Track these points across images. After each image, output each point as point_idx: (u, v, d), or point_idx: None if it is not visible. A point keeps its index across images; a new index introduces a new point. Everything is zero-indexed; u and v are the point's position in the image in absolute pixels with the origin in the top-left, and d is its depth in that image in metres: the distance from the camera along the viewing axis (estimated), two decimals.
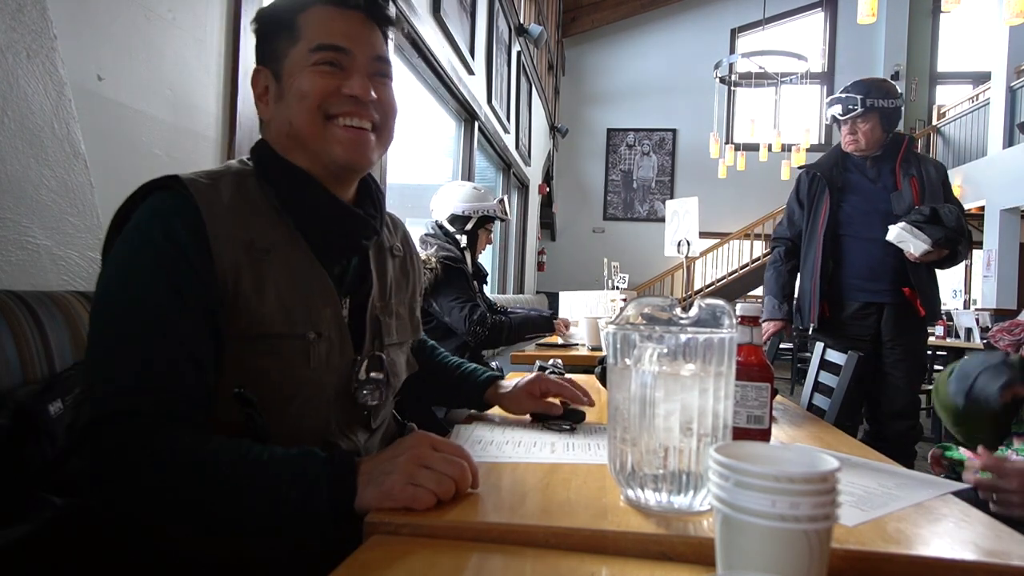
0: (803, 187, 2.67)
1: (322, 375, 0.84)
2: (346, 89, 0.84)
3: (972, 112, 9.30)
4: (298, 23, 0.85)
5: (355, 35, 0.86)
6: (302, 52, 0.84)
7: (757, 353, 0.88)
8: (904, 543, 0.62)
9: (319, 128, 0.85)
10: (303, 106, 0.84)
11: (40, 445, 0.86)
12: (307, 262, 0.85)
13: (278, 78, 0.86)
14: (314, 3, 0.86)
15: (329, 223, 0.87)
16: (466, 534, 0.63)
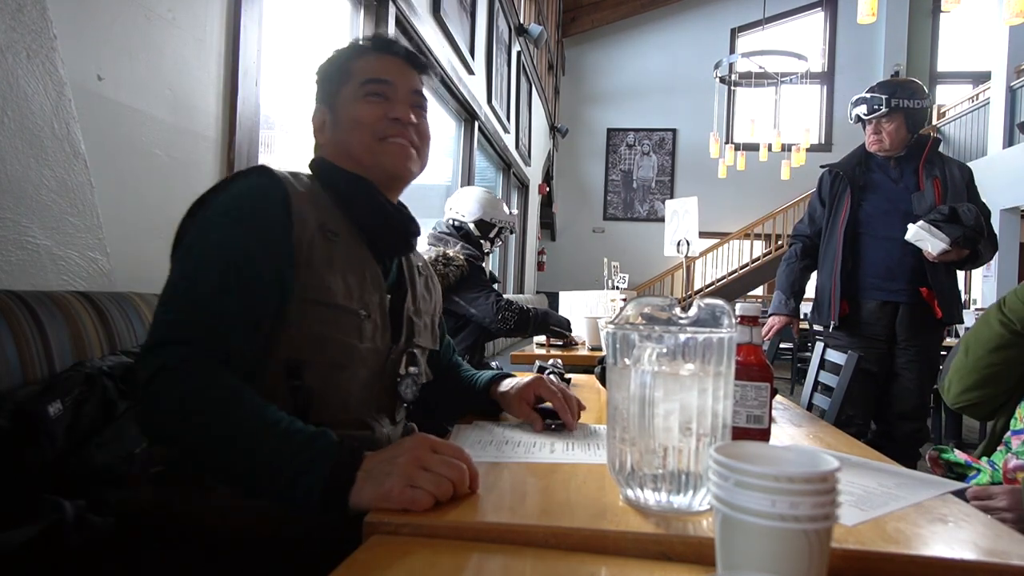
0: (825, 186, 2.67)
1: (368, 354, 0.94)
2: (391, 113, 0.99)
3: (972, 112, 9.29)
4: (351, 68, 1.02)
5: (396, 71, 1.02)
6: (353, 88, 1.01)
7: (757, 353, 0.88)
8: (904, 543, 0.62)
9: (371, 146, 0.99)
10: (358, 131, 0.99)
11: (40, 446, 0.86)
12: (364, 251, 0.98)
13: (332, 111, 1.03)
14: (364, 52, 1.03)
15: (385, 220, 1.00)
16: (466, 534, 0.63)
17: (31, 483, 0.85)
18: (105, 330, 1.11)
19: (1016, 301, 1.30)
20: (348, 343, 0.90)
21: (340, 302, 0.89)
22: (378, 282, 0.98)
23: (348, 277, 0.92)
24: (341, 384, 0.91)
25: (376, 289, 0.97)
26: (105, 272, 1.32)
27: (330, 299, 0.88)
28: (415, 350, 1.05)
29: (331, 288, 0.89)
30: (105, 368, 1.01)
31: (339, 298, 0.89)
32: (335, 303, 0.89)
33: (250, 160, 1.83)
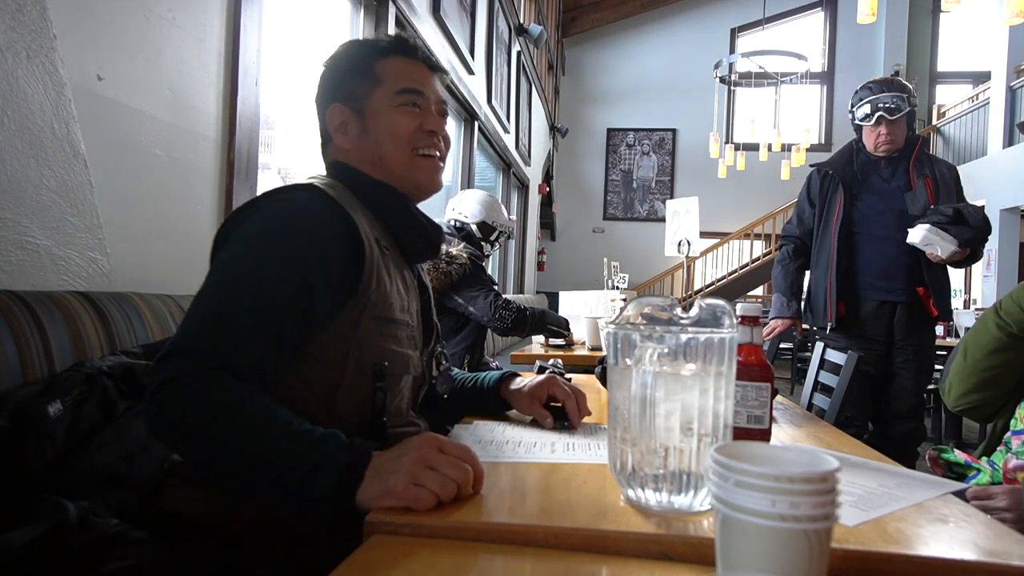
0: (814, 186, 2.65)
1: (416, 360, 0.99)
2: (427, 125, 1.01)
3: (972, 112, 9.29)
4: (376, 70, 1.00)
5: (426, 81, 1.03)
6: (387, 94, 0.99)
7: (757, 353, 0.88)
8: (904, 543, 0.62)
9: (407, 159, 1.00)
10: (395, 142, 0.99)
11: (40, 446, 0.86)
12: (402, 263, 1.01)
13: (360, 115, 1.00)
14: (387, 54, 1.02)
15: (420, 231, 1.02)
16: (466, 534, 0.63)
17: (32, 483, 0.85)
18: (105, 330, 1.11)
19: (1012, 304, 1.30)
20: (406, 354, 0.95)
21: (398, 316, 0.94)
22: (414, 290, 1.02)
23: (399, 289, 0.96)
24: (400, 391, 0.96)
25: (414, 297, 1.01)
26: (105, 272, 1.32)
27: (392, 315, 0.92)
28: (442, 349, 1.11)
29: (392, 304, 0.92)
30: (105, 368, 1.01)
31: (397, 312, 0.93)
32: (395, 318, 0.93)
33: (250, 160, 1.83)
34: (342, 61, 1.04)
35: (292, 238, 0.83)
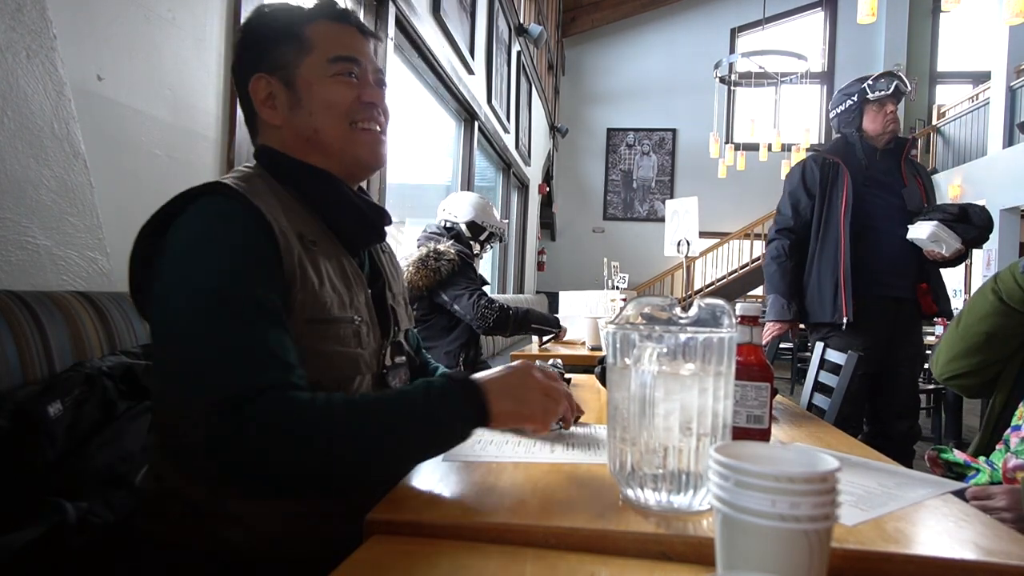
0: (812, 175, 2.51)
1: (370, 358, 0.91)
2: (365, 96, 0.92)
3: (972, 112, 9.29)
4: (306, 35, 0.91)
5: (361, 48, 0.94)
6: (319, 62, 0.91)
7: (757, 353, 0.88)
8: (904, 542, 0.62)
9: (345, 133, 0.92)
10: (331, 114, 0.91)
11: (40, 446, 0.86)
12: (341, 252, 0.92)
13: (289, 85, 0.91)
14: (317, 17, 0.93)
15: (357, 216, 0.94)
16: (466, 534, 0.63)
17: (31, 484, 0.84)
18: (105, 330, 1.11)
19: (1008, 276, 1.34)
20: (352, 353, 0.87)
21: (336, 314, 0.85)
22: (360, 280, 0.93)
23: (336, 284, 0.87)
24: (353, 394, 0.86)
25: (360, 288, 0.92)
26: (105, 272, 1.32)
27: (327, 314, 0.84)
28: (400, 339, 1.01)
29: (325, 302, 0.84)
30: (105, 368, 1.01)
31: (335, 310, 0.85)
32: (332, 316, 0.85)
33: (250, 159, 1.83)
34: (264, 25, 0.93)
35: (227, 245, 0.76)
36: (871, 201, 2.46)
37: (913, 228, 2.36)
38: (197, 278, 0.74)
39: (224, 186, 0.81)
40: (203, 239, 0.77)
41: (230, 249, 0.76)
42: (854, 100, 2.53)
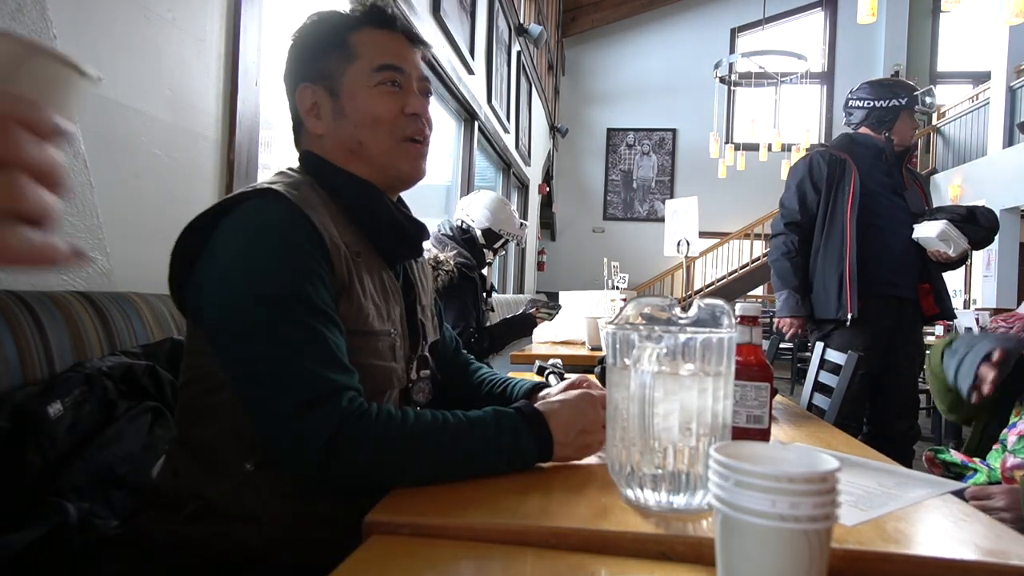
0: (819, 169, 2.46)
1: (400, 371, 0.91)
2: (408, 108, 0.91)
3: (972, 112, 9.30)
4: (351, 43, 0.90)
5: (406, 55, 0.93)
6: (363, 71, 0.89)
7: (756, 353, 0.88)
8: (903, 542, 0.62)
9: (391, 146, 0.91)
10: (375, 127, 0.89)
11: (40, 447, 0.86)
12: (382, 265, 0.92)
13: (334, 95, 0.90)
14: (363, 24, 0.91)
15: (398, 231, 0.93)
16: (465, 534, 0.63)
17: (32, 484, 0.84)
18: (105, 330, 1.11)
19: (929, 368, 1.44)
20: (387, 367, 0.88)
21: (376, 327, 0.86)
22: (397, 293, 0.93)
23: (376, 297, 0.88)
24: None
25: (397, 302, 0.93)
26: (105, 272, 1.32)
27: (368, 327, 0.84)
28: (425, 353, 1.01)
29: (367, 315, 0.84)
30: (105, 369, 1.01)
31: (375, 323, 0.86)
32: (373, 330, 0.85)
33: (250, 160, 1.83)
34: (312, 34, 0.92)
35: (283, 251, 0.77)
36: (876, 200, 2.44)
37: (920, 227, 2.35)
38: (259, 284, 0.75)
39: (274, 191, 0.81)
40: (258, 243, 0.77)
41: (287, 253, 0.77)
42: (901, 102, 2.45)
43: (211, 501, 0.78)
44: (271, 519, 0.78)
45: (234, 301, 0.75)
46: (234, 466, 0.79)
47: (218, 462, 0.80)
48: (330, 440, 0.70)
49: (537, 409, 0.81)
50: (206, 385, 0.82)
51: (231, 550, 0.78)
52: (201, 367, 0.82)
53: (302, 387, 0.71)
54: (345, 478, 0.72)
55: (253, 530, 0.77)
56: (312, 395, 0.71)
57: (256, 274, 0.75)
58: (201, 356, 0.82)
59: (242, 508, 0.78)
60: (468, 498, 0.70)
